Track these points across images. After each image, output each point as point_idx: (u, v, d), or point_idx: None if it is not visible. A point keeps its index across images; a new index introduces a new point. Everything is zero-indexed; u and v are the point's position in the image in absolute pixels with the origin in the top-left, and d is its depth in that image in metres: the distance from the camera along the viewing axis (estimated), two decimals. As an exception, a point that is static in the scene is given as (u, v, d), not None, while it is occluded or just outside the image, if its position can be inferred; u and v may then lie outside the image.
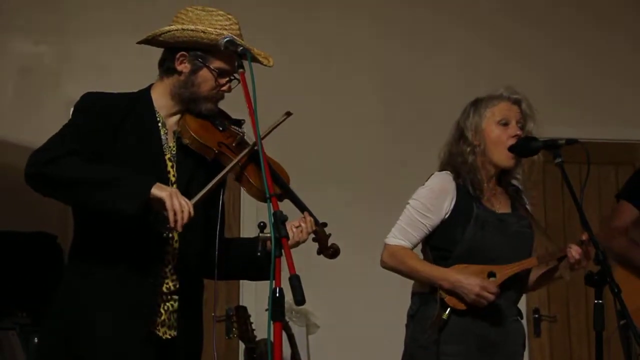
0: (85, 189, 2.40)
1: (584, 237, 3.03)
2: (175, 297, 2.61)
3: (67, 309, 2.56)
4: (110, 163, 2.50)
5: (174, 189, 2.43)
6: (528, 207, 3.23)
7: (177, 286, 2.61)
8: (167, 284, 2.60)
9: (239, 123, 2.71)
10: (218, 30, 2.56)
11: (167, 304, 2.60)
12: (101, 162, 2.49)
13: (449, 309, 3.00)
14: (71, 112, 2.61)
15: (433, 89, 5.30)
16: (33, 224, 4.50)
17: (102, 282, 2.53)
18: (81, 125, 2.53)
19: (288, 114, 2.65)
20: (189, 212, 2.39)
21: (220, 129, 2.65)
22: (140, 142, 2.58)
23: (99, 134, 2.52)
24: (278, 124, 2.66)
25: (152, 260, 2.56)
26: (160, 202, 2.39)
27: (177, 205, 2.37)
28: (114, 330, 2.51)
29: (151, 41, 2.65)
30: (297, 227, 2.64)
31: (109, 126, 2.54)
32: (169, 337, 2.61)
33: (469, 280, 2.95)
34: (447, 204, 3.07)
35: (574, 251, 3.01)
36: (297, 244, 2.63)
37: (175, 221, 2.37)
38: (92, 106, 2.57)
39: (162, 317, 2.59)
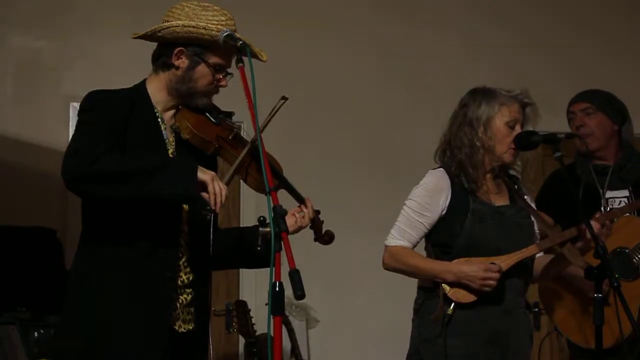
0: (138, 180, 2.43)
1: (582, 226, 3.04)
2: (189, 290, 2.64)
3: (83, 306, 2.56)
4: None
5: (213, 173, 2.50)
6: (526, 197, 3.23)
7: (191, 279, 2.64)
8: (181, 277, 2.62)
9: (230, 115, 2.73)
10: (217, 27, 2.57)
11: (182, 297, 2.63)
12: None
13: (453, 304, 3.00)
14: (78, 112, 2.62)
15: (434, 71, 5.27)
16: (32, 218, 4.50)
17: (119, 277, 2.55)
18: (97, 124, 2.54)
19: (284, 98, 2.66)
20: (226, 196, 2.48)
21: (216, 122, 2.67)
22: (144, 139, 2.60)
23: (113, 132, 2.54)
24: (276, 111, 2.68)
25: (168, 254, 2.58)
26: (202, 185, 2.46)
27: (217, 188, 2.46)
28: (132, 327, 2.52)
29: (149, 37, 2.65)
30: (299, 213, 2.70)
31: (119, 124, 2.56)
32: (184, 330, 2.63)
33: (471, 267, 2.96)
34: (442, 201, 3.08)
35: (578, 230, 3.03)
36: (299, 229, 2.71)
37: (215, 203, 2.45)
38: (100, 105, 2.58)
39: (177, 311, 2.62)
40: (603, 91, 3.78)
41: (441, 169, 3.13)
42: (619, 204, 3.60)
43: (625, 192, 3.64)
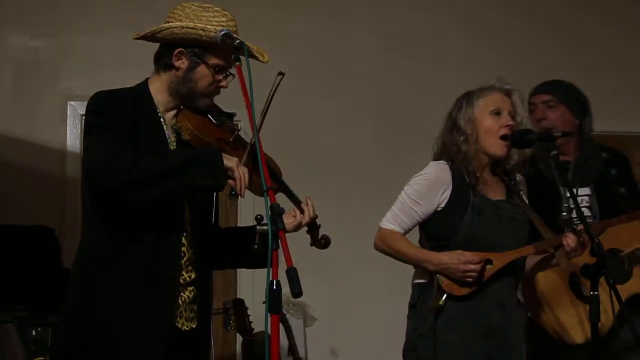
0: (171, 178, 2.47)
1: (579, 227, 3.05)
2: (191, 288, 2.66)
3: (84, 305, 2.57)
4: None
5: (236, 159, 2.53)
6: (522, 195, 3.24)
7: (193, 277, 2.66)
8: (183, 275, 2.64)
9: (232, 117, 2.74)
10: (216, 27, 2.57)
11: (184, 294, 2.64)
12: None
13: (445, 295, 3.01)
14: (88, 113, 2.61)
15: (425, 87, 5.30)
16: (31, 217, 4.51)
17: (121, 276, 2.55)
18: (113, 127, 2.55)
19: (281, 74, 2.65)
20: (248, 179, 2.52)
21: (217, 123, 2.68)
22: (149, 139, 2.62)
23: (127, 133, 2.56)
24: (275, 88, 2.66)
25: (171, 253, 2.60)
26: (228, 171, 2.51)
27: (242, 173, 2.50)
28: (136, 326, 2.53)
29: (149, 38, 2.66)
30: (300, 211, 2.72)
31: (128, 125, 2.58)
32: (187, 328, 2.65)
33: (451, 257, 2.98)
34: (441, 194, 3.09)
35: (570, 239, 3.04)
36: (299, 225, 2.72)
37: (240, 188, 2.50)
38: (111, 106, 2.59)
39: (180, 309, 2.63)
40: (566, 82, 3.68)
41: (443, 161, 3.15)
42: (581, 203, 3.50)
43: (587, 190, 3.56)
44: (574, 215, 3.24)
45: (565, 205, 3.47)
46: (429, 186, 3.10)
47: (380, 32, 5.33)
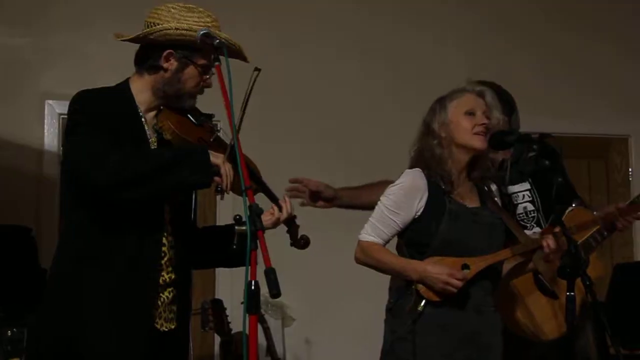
0: (161, 176, 2.49)
1: (557, 229, 3.07)
2: (170, 288, 2.66)
3: (62, 306, 2.56)
4: None
5: (222, 155, 2.54)
6: (497, 200, 3.26)
7: (173, 278, 2.66)
8: (163, 276, 2.64)
9: (211, 118, 2.75)
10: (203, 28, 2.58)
11: (163, 295, 2.64)
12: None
13: (424, 301, 3.03)
14: (72, 113, 2.60)
15: (415, 70, 5.34)
16: (7, 216, 4.48)
17: (100, 277, 2.55)
18: (99, 127, 2.54)
19: (257, 69, 2.65)
20: (232, 176, 2.55)
21: (197, 124, 2.69)
22: (130, 139, 2.61)
23: (111, 132, 2.55)
24: (252, 85, 2.65)
25: (151, 254, 2.60)
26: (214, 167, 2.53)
27: (228, 170, 2.52)
28: (115, 326, 2.53)
29: (141, 39, 2.65)
30: (278, 209, 2.74)
31: (111, 124, 2.57)
32: (166, 329, 2.65)
33: (436, 269, 2.98)
34: (417, 202, 3.09)
35: (550, 241, 3.05)
36: (277, 221, 2.75)
37: (226, 185, 2.52)
38: (93, 106, 2.59)
39: (159, 310, 2.63)
40: (489, 83, 3.63)
41: (418, 169, 3.15)
42: (522, 199, 3.56)
43: (526, 185, 3.59)
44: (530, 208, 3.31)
45: (509, 203, 3.52)
46: (405, 195, 3.10)
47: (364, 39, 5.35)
